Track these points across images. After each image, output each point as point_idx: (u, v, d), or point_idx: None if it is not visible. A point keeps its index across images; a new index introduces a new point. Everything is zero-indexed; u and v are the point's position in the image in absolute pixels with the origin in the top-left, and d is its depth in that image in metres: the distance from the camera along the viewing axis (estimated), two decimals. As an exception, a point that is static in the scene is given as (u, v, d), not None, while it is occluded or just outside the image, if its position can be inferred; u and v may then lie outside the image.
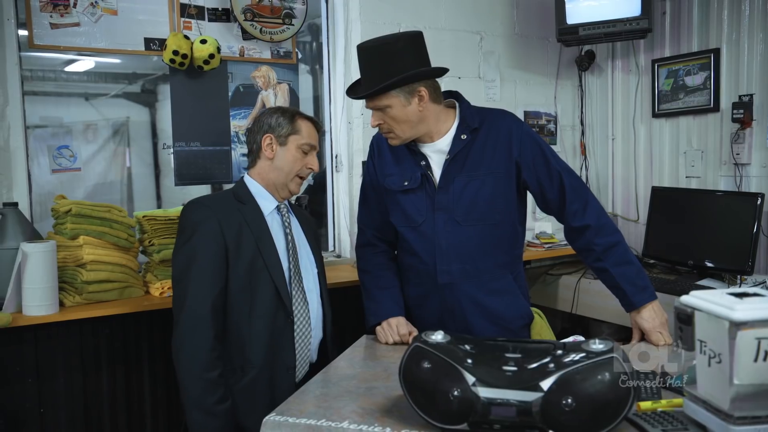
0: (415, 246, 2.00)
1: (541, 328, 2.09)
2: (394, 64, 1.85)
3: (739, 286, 2.60)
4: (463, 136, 1.95)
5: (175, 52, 2.62)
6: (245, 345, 1.87)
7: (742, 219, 2.69)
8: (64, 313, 2.18)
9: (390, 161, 2.04)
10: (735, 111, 2.86)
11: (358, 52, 1.92)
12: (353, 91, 1.97)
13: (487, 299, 1.98)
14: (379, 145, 2.09)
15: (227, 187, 2.95)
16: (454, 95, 2.03)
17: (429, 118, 1.93)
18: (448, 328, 1.91)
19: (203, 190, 3.43)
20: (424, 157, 1.98)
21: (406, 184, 1.99)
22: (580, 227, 1.97)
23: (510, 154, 1.95)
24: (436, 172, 1.97)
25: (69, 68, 2.86)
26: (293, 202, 2.80)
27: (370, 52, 1.89)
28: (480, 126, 1.96)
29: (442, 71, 1.93)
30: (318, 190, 3.18)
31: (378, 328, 1.99)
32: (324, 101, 3.15)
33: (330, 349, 2.05)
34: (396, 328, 1.96)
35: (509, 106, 3.34)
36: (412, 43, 1.90)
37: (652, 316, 1.89)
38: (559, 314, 3.29)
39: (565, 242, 3.25)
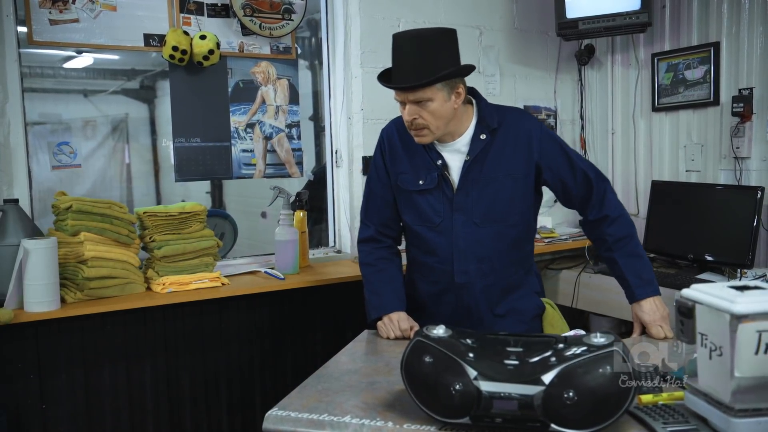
0: (431, 245, 1.99)
1: (553, 318, 2.09)
2: (441, 58, 1.82)
3: (740, 280, 2.61)
4: (483, 136, 1.93)
5: (175, 48, 2.62)
6: None
7: (742, 213, 2.69)
8: (66, 310, 2.18)
9: (402, 158, 2.01)
10: (735, 105, 2.85)
11: (397, 41, 1.86)
12: (387, 80, 1.89)
13: (503, 295, 1.99)
14: (390, 139, 2.05)
15: (227, 183, 2.95)
16: (471, 92, 2.00)
17: (456, 117, 1.91)
18: (462, 324, 1.93)
19: (203, 186, 3.44)
20: (441, 157, 1.96)
21: (421, 183, 1.97)
22: (597, 219, 1.98)
23: (529, 157, 1.94)
24: (454, 172, 1.95)
25: (68, 65, 2.86)
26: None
27: (414, 43, 1.84)
28: (499, 126, 1.95)
29: (473, 69, 1.92)
30: (318, 185, 3.18)
31: (379, 323, 2.00)
32: (324, 96, 3.15)
33: None
34: (397, 323, 1.96)
35: (509, 101, 3.34)
36: (451, 38, 1.88)
37: (653, 309, 1.90)
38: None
39: (566, 237, 3.28)
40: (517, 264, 2.02)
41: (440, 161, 1.95)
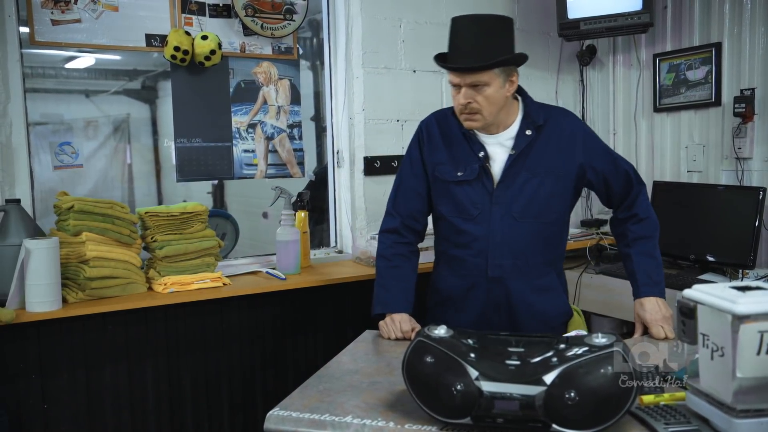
0: (466, 237, 1.98)
1: (579, 326, 2.09)
2: (500, 43, 1.86)
3: (741, 280, 2.60)
4: (528, 132, 1.95)
5: (177, 49, 2.62)
6: None
7: (744, 213, 2.69)
8: (67, 310, 2.19)
9: (441, 149, 2.02)
10: (736, 105, 2.85)
11: (457, 24, 1.89)
12: (444, 60, 1.91)
13: (534, 296, 1.99)
14: (429, 131, 2.06)
15: (228, 183, 2.96)
16: (517, 89, 2.01)
17: (506, 107, 1.94)
18: (492, 320, 1.97)
19: (205, 186, 3.44)
20: (483, 149, 1.96)
21: (460, 174, 1.97)
22: (626, 217, 2.03)
23: (573, 157, 1.96)
24: (495, 165, 1.95)
25: (70, 65, 2.86)
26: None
27: (476, 26, 1.87)
28: (544, 123, 1.96)
29: (527, 58, 1.96)
30: (320, 185, 3.18)
31: (381, 322, 2.00)
32: (325, 97, 3.15)
33: None
34: (399, 324, 1.96)
35: (510, 101, 3.34)
36: (510, 26, 1.92)
37: (655, 309, 1.91)
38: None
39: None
40: (549, 264, 2.03)
41: (482, 153, 1.95)
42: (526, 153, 1.94)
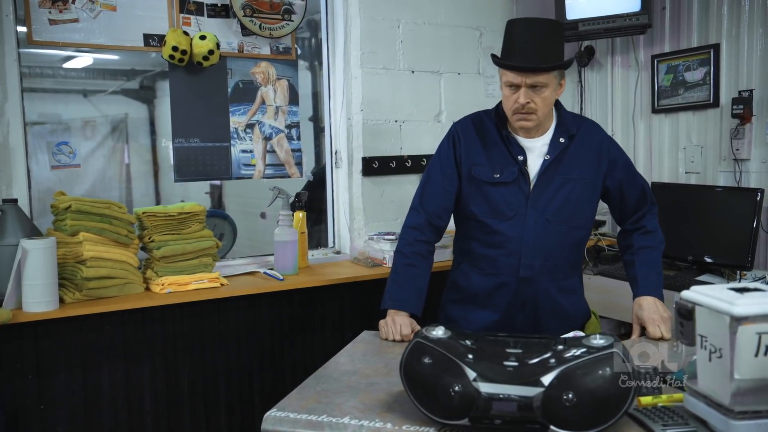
0: (499, 238, 1.99)
1: (595, 328, 2.12)
2: (558, 47, 1.93)
3: (739, 282, 2.60)
4: (562, 140, 2.00)
5: (175, 48, 2.62)
6: None
7: (742, 214, 2.69)
8: (64, 310, 2.18)
9: (478, 149, 2.04)
10: (735, 106, 2.85)
11: (517, 26, 1.95)
12: (506, 58, 1.94)
13: (559, 296, 2.02)
14: (465, 131, 2.08)
15: (226, 183, 2.96)
16: None
17: (550, 112, 1.99)
18: (516, 319, 2.01)
19: (203, 186, 3.44)
20: (522, 152, 1.99)
21: (497, 176, 1.99)
22: (634, 228, 2.09)
23: (599, 164, 2.03)
24: (532, 169, 1.99)
25: (67, 65, 2.86)
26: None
27: (536, 29, 1.93)
28: (576, 133, 2.02)
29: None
30: (318, 186, 3.18)
31: (381, 322, 1.99)
32: (323, 97, 3.15)
33: None
34: (399, 327, 1.96)
35: (509, 102, 3.33)
36: (562, 31, 1.99)
37: (653, 308, 1.93)
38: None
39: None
40: (573, 267, 2.08)
41: (521, 156, 1.99)
42: (560, 158, 1.99)
